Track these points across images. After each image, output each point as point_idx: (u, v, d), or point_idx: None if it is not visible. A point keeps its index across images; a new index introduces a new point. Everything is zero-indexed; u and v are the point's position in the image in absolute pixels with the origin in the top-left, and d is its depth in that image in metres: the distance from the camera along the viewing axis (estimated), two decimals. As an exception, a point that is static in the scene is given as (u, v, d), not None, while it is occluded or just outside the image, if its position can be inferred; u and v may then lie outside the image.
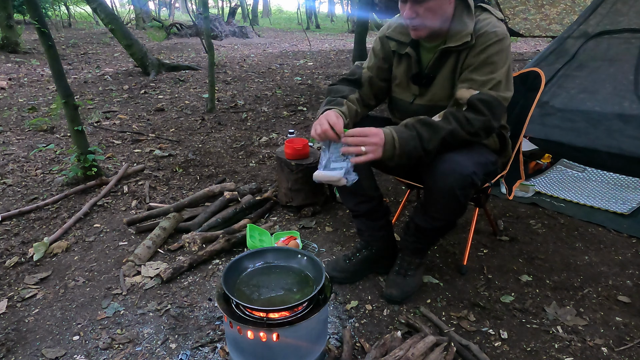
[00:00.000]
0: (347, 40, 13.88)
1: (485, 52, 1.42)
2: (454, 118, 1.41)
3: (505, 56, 1.43)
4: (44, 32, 2.46)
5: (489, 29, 1.42)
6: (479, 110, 1.41)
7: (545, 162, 2.90)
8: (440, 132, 1.39)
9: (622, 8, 3.06)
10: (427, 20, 1.41)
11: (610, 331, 1.54)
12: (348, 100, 1.61)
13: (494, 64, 1.42)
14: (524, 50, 10.55)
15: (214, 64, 4.71)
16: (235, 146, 3.63)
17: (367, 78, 1.68)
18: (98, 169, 2.79)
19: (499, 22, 1.45)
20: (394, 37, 1.60)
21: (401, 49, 1.59)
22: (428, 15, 1.40)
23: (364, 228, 1.81)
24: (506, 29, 1.47)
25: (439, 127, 1.39)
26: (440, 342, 1.41)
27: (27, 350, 1.49)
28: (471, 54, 1.44)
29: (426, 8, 1.39)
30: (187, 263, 1.90)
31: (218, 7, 22.60)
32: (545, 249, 2.06)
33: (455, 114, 1.42)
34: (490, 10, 1.48)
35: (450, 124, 1.40)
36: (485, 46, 1.42)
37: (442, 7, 1.41)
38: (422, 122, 1.40)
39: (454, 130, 1.40)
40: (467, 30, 1.43)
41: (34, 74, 6.84)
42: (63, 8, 17.19)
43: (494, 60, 1.41)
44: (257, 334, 1.20)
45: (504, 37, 1.43)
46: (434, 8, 1.39)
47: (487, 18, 1.46)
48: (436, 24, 1.43)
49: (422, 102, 1.60)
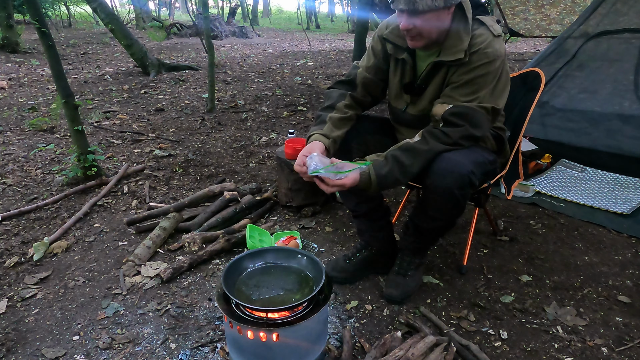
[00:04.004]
0: (347, 40, 13.88)
1: (473, 73, 1.41)
2: (431, 135, 1.42)
3: (493, 77, 1.42)
4: (44, 32, 2.46)
5: (482, 48, 1.40)
6: (453, 123, 1.42)
7: (545, 162, 2.90)
8: (421, 154, 1.41)
9: (622, 8, 3.06)
10: (425, 32, 1.39)
11: (610, 331, 1.54)
12: (335, 109, 1.60)
13: (477, 85, 1.41)
14: (524, 50, 10.54)
15: (214, 64, 4.71)
16: (235, 146, 3.63)
17: (362, 79, 1.65)
18: (98, 168, 2.79)
19: (495, 40, 1.42)
20: (391, 40, 1.57)
21: (398, 53, 1.57)
22: (425, 27, 1.38)
23: (364, 228, 1.81)
24: (503, 44, 1.45)
25: (419, 150, 1.41)
26: (440, 342, 1.41)
27: (27, 350, 1.49)
28: (459, 71, 1.43)
29: (424, 20, 1.36)
30: (187, 263, 1.90)
31: (218, 7, 22.59)
32: (545, 249, 2.06)
33: (432, 131, 1.43)
34: (488, 24, 1.44)
35: (428, 143, 1.42)
36: (475, 66, 1.40)
37: (440, 18, 1.38)
38: (402, 149, 1.42)
39: (433, 149, 1.41)
40: (461, 46, 1.40)
41: (34, 74, 6.84)
42: (63, 8, 17.18)
43: (479, 81, 1.41)
44: (257, 334, 1.20)
45: (495, 58, 1.40)
46: (432, 20, 1.36)
47: (483, 34, 1.42)
48: (433, 35, 1.41)
49: (414, 111, 1.60)
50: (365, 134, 1.68)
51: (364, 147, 1.67)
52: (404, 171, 1.41)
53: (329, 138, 1.53)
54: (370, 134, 1.70)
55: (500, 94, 1.47)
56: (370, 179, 1.39)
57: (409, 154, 1.41)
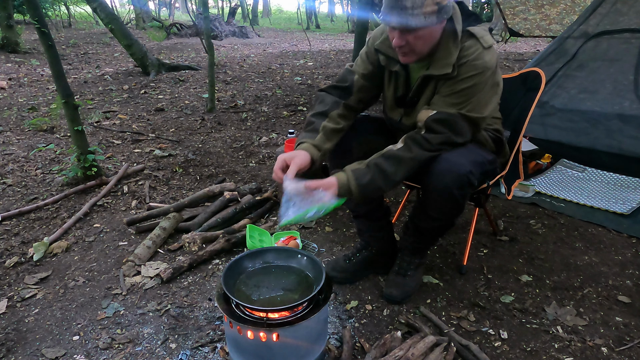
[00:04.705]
0: (347, 40, 13.88)
1: (460, 84, 1.40)
2: (413, 142, 1.41)
3: (481, 88, 1.40)
4: (44, 32, 2.46)
5: (470, 60, 1.38)
6: (435, 130, 1.41)
7: (545, 162, 2.90)
8: (404, 162, 1.40)
9: (622, 8, 3.07)
10: (417, 48, 1.38)
11: (610, 331, 1.54)
12: (329, 118, 1.56)
13: (464, 96, 1.40)
14: (524, 50, 10.55)
15: (214, 64, 4.71)
16: (235, 146, 3.63)
17: (360, 86, 1.62)
18: (98, 169, 2.79)
19: (484, 52, 1.40)
20: (383, 51, 1.54)
21: (391, 64, 1.55)
22: (418, 43, 1.36)
23: (364, 228, 1.81)
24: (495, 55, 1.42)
25: (402, 158, 1.40)
26: (440, 342, 1.41)
27: (27, 350, 1.49)
28: (447, 84, 1.43)
29: (416, 36, 1.34)
30: (187, 263, 1.90)
31: (218, 7, 22.59)
32: (545, 249, 2.06)
33: (414, 137, 1.43)
34: (478, 36, 1.41)
35: (411, 150, 1.41)
36: (462, 78, 1.39)
37: (432, 34, 1.36)
38: (385, 157, 1.41)
39: (416, 156, 1.40)
40: (450, 60, 1.39)
41: (34, 74, 6.85)
42: (63, 8, 17.18)
43: (466, 93, 1.40)
44: (257, 334, 1.20)
45: (484, 70, 1.39)
46: (425, 36, 1.35)
47: (472, 47, 1.40)
48: (425, 50, 1.40)
49: (409, 122, 1.59)
50: (365, 134, 1.68)
51: (364, 147, 1.66)
52: (386, 179, 1.40)
53: (320, 150, 1.50)
54: (370, 134, 1.70)
55: (487, 104, 1.45)
56: (350, 189, 1.37)
57: (392, 161, 1.40)
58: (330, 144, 1.55)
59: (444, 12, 1.31)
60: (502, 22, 5.51)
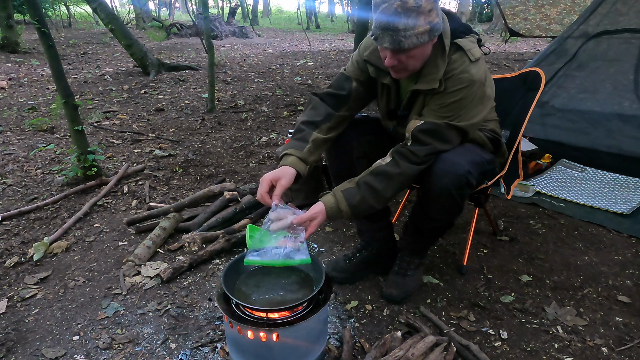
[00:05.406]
0: (347, 40, 13.88)
1: (447, 98, 1.40)
2: (400, 156, 1.41)
3: (469, 101, 1.40)
4: (44, 32, 2.46)
5: (456, 74, 1.38)
6: (421, 141, 1.41)
7: (545, 162, 2.90)
8: (393, 178, 1.40)
9: (622, 8, 3.07)
10: (410, 66, 1.37)
11: (610, 331, 1.54)
12: (319, 129, 1.54)
13: (452, 109, 1.40)
14: (524, 50, 10.54)
15: (214, 64, 4.71)
16: (235, 146, 3.63)
17: (357, 95, 1.59)
18: (98, 169, 2.79)
19: (471, 65, 1.39)
20: (373, 62, 1.52)
21: (381, 77, 1.54)
22: (410, 62, 1.36)
23: (364, 228, 1.82)
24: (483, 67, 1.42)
25: (391, 174, 1.40)
26: (440, 342, 1.41)
27: (27, 350, 1.49)
28: (435, 97, 1.43)
29: (408, 56, 1.34)
30: (187, 263, 1.90)
31: (218, 7, 22.58)
32: (545, 249, 2.06)
33: (400, 151, 1.42)
34: (466, 49, 1.40)
35: (399, 165, 1.40)
36: (449, 92, 1.39)
37: (424, 52, 1.36)
38: (374, 174, 1.41)
39: (404, 172, 1.40)
40: (437, 75, 1.39)
41: (34, 74, 6.85)
42: (63, 8, 17.18)
43: (453, 106, 1.40)
44: (257, 334, 1.20)
45: (470, 83, 1.38)
46: (417, 55, 1.34)
47: (458, 60, 1.39)
48: (418, 66, 1.40)
49: (402, 131, 1.57)
50: (365, 134, 1.68)
51: (364, 147, 1.67)
52: (377, 197, 1.40)
53: (306, 163, 1.49)
54: (370, 134, 1.70)
55: (477, 115, 1.45)
56: (340, 210, 1.37)
57: (381, 178, 1.40)
58: (317, 155, 1.54)
59: (435, 29, 1.31)
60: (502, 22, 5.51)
